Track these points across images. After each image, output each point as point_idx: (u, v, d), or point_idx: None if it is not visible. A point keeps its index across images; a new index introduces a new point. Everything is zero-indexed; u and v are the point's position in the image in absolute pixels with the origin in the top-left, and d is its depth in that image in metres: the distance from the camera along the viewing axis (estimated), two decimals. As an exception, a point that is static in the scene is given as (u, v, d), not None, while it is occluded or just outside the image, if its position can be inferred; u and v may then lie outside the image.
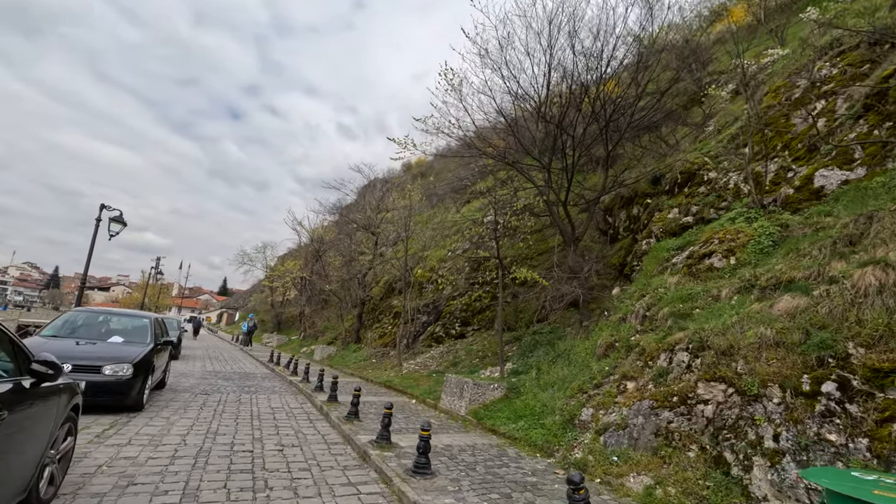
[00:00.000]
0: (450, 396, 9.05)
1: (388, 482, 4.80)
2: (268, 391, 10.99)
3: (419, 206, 17.58)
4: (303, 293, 28.72)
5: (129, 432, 6.08)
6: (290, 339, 31.40)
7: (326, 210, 22.46)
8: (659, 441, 5.11)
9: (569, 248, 10.60)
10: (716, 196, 9.70)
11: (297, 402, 9.71)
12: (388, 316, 19.53)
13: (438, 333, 16.35)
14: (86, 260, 12.99)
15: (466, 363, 12.90)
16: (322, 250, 24.86)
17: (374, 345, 18.47)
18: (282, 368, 15.51)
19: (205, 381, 11.66)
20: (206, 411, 7.89)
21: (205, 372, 13.85)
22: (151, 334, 8.34)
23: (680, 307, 6.70)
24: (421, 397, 10.35)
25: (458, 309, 16.45)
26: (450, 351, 14.75)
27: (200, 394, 9.69)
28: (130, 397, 7.02)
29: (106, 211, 13.33)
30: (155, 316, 9.21)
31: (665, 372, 5.74)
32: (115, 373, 6.88)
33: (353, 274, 21.82)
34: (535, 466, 5.65)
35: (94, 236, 13.09)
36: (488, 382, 8.64)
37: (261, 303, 50.86)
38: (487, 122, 11.50)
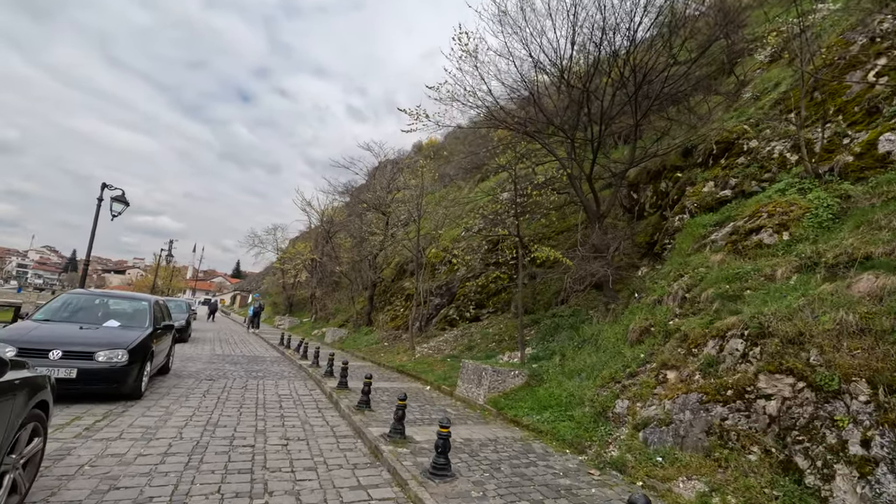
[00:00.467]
0: (467, 383, 8.49)
1: (403, 485, 4.24)
2: (276, 376, 10.55)
3: (431, 186, 16.85)
4: (313, 275, 28.35)
5: (122, 424, 5.60)
6: (302, 322, 31.21)
7: (336, 190, 21.85)
8: (712, 441, 4.46)
9: (593, 225, 9.85)
10: (758, 167, 8.84)
11: (305, 389, 9.23)
12: (399, 298, 19.02)
13: (452, 316, 15.80)
14: (89, 240, 12.57)
15: (482, 347, 12.34)
16: (332, 232, 24.32)
17: (386, 327, 18.01)
18: (291, 352, 15.12)
19: (211, 366, 11.26)
20: (209, 399, 7.42)
21: (213, 356, 13.49)
22: (150, 318, 7.86)
23: (727, 288, 5.98)
24: (435, 383, 9.82)
25: (472, 291, 15.85)
26: (464, 334, 14.20)
27: (205, 380, 9.26)
28: (126, 385, 6.55)
29: (108, 190, 12.85)
30: (155, 298, 8.73)
31: (714, 361, 5.07)
32: (108, 359, 6.40)
33: (364, 255, 21.28)
34: (565, 465, 5.06)
35: (97, 216, 12.64)
36: (508, 369, 8.05)
37: (273, 285, 50.88)
38: (505, 91, 10.68)
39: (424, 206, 16.89)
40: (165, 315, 9.24)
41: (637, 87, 9.45)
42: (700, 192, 9.46)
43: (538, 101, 9.67)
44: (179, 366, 10.78)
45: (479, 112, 10.10)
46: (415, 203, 14.96)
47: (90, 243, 12.60)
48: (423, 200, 15.07)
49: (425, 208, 19.48)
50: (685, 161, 11.28)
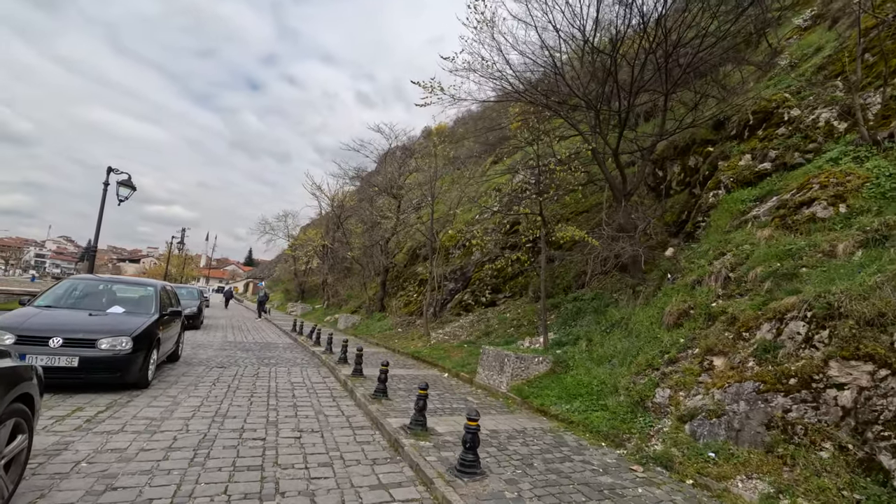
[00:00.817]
0: (487, 370, 8.06)
1: (429, 484, 3.83)
2: (288, 363, 10.23)
3: (443, 169, 16.28)
4: (325, 261, 28.07)
5: (126, 415, 5.27)
6: (314, 308, 31.07)
7: (346, 174, 21.37)
8: (773, 435, 3.97)
9: (618, 204, 9.27)
10: (801, 137, 8.17)
11: (319, 376, 8.89)
12: (412, 283, 18.63)
13: (467, 301, 15.36)
14: (96, 225, 12.29)
15: (500, 333, 11.90)
16: (343, 217, 23.92)
17: (400, 313, 17.65)
18: (304, 338, 14.84)
19: (223, 353, 10.98)
20: (219, 388, 7.09)
21: (224, 342, 13.24)
22: (157, 304, 7.51)
23: (779, 266, 5.42)
24: (454, 370, 9.42)
25: (488, 275, 15.38)
26: (480, 320, 13.77)
27: (216, 367, 8.96)
28: (131, 374, 6.22)
29: (114, 174, 12.52)
30: (162, 284, 8.39)
31: (771, 346, 4.55)
32: (112, 347, 6.06)
33: (376, 240, 20.87)
34: (604, 460, 4.62)
35: (103, 201, 12.34)
36: (532, 355, 7.60)
37: (285, 272, 50.90)
38: (524, 63, 10.03)
39: (437, 189, 16.38)
40: (173, 301, 8.92)
41: (668, 53, 8.76)
42: (736, 166, 8.82)
43: (560, 70, 9.03)
44: (190, 353, 10.51)
45: (497, 84, 9.50)
46: (428, 185, 14.43)
47: (97, 228, 12.33)
48: (436, 182, 14.53)
49: (438, 191, 18.97)
50: (717, 134, 10.59)
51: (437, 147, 14.06)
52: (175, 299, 9.22)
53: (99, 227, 12.35)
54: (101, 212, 12.30)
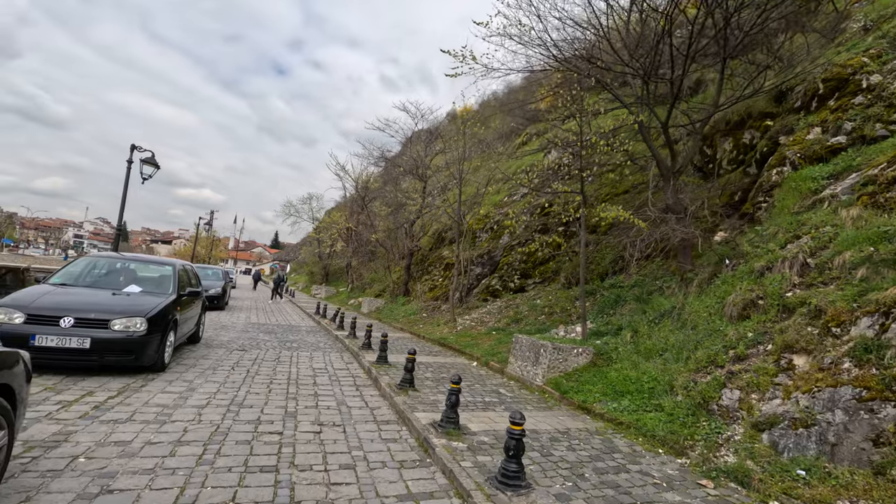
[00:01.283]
0: (521, 361, 7.48)
1: (466, 498, 3.30)
2: (311, 347, 9.88)
3: (471, 150, 15.53)
4: (349, 244, 27.83)
5: (137, 402, 4.91)
6: (338, 291, 31.01)
7: (371, 155, 20.81)
8: (884, 453, 3.28)
9: (667, 182, 8.45)
10: (884, 106, 7.17)
11: (342, 362, 8.49)
12: (438, 268, 18.11)
13: (495, 287, 14.76)
14: (121, 204, 12.12)
15: (531, 320, 11.29)
16: (367, 199, 23.48)
17: (425, 298, 17.20)
18: (327, 322, 14.55)
19: (245, 335, 10.72)
20: (238, 373, 6.74)
21: (247, 324, 13.04)
22: (175, 284, 7.17)
23: (871, 251, 4.62)
24: (483, 359, 8.88)
25: (517, 260, 14.72)
26: (509, 306, 13.17)
27: (237, 350, 8.66)
28: (146, 356, 5.89)
29: (137, 152, 12.30)
30: (182, 263, 8.06)
31: (874, 346, 3.81)
32: (125, 328, 5.72)
33: (401, 223, 20.39)
34: (665, 471, 4.00)
35: (127, 179, 12.14)
36: (570, 346, 6.97)
37: (310, 255, 51.20)
38: (563, 28, 9.19)
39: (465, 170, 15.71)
40: (193, 281, 8.60)
41: (728, 15, 7.80)
42: (803, 141, 7.87)
43: (606, 34, 8.19)
44: (212, 334, 10.28)
45: (535, 53, 8.71)
46: (456, 166, 13.77)
47: (121, 206, 12.16)
48: (464, 163, 13.84)
49: (465, 172, 18.28)
50: (777, 107, 9.57)
51: (464, 126, 13.34)
52: (196, 279, 8.91)
53: (123, 206, 12.18)
54: (125, 190, 12.12)
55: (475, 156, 19.49)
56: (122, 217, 12.22)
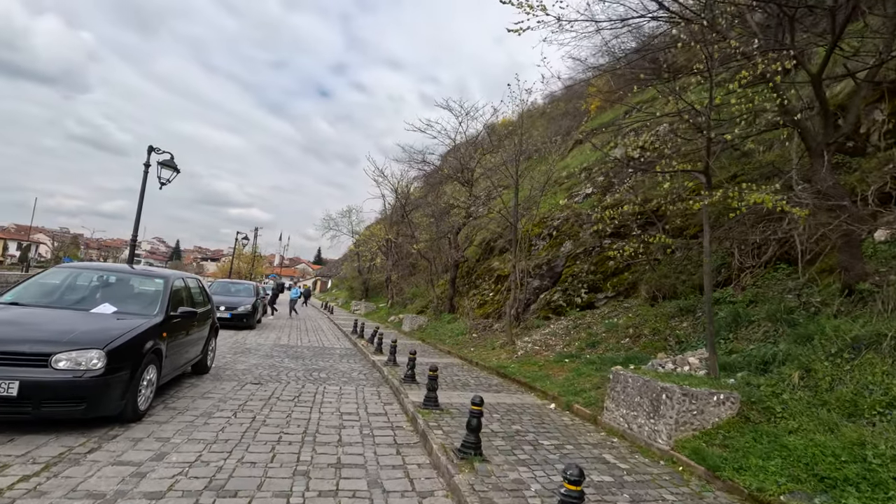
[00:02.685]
0: (624, 408, 5.31)
1: None
2: (341, 379, 8.05)
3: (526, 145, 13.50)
4: (389, 257, 26.26)
5: (64, 486, 3.16)
6: (378, 307, 29.47)
7: (412, 159, 19.17)
8: None
9: (817, 159, 6.12)
10: None
11: (378, 402, 6.58)
12: (487, 281, 16.07)
13: (557, 302, 12.56)
14: (137, 210, 10.90)
15: (611, 344, 9.04)
16: (408, 207, 21.79)
17: (473, 315, 15.16)
18: (364, 342, 12.76)
19: (267, 362, 9.05)
20: (239, 422, 4.95)
21: (275, 347, 11.43)
22: (163, 303, 5.52)
23: None
24: (561, 398, 6.72)
25: (583, 271, 12.48)
26: (578, 326, 10.94)
27: (250, 383, 6.94)
28: (106, 404, 4.20)
29: (155, 154, 11.09)
30: (178, 276, 6.44)
31: None
32: (74, 366, 4.05)
33: (444, 232, 18.55)
34: None
35: (144, 183, 10.93)
36: (707, 390, 4.74)
37: (350, 270, 50.36)
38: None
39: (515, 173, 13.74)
40: (199, 297, 6.99)
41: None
42: None
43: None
44: (228, 361, 8.66)
45: None
46: (510, 165, 11.81)
47: (137, 214, 10.92)
48: (520, 159, 11.86)
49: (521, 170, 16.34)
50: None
51: (522, 115, 11.38)
52: (203, 296, 7.30)
53: (139, 214, 10.95)
54: (141, 195, 10.89)
55: (528, 159, 17.47)
56: (139, 225, 10.97)
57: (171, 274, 6.11)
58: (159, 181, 11.15)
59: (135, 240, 10.99)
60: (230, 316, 14.30)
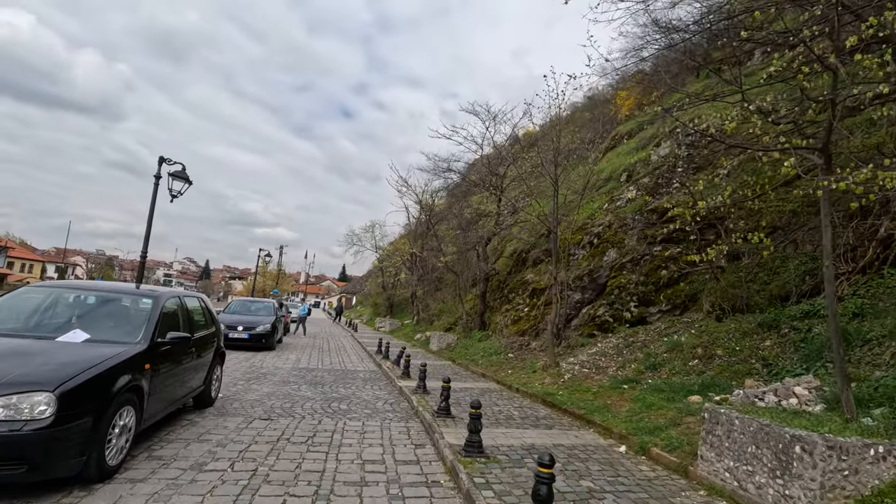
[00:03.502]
0: (733, 459, 4.05)
1: None
2: (364, 410, 6.97)
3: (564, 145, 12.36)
4: (413, 272, 25.28)
5: None
6: (403, 324, 28.44)
7: (437, 168, 18.21)
8: None
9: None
10: None
11: (408, 444, 5.45)
12: (521, 295, 14.85)
13: (603, 317, 11.25)
14: (147, 226, 10.20)
15: (677, 367, 7.70)
16: (434, 220, 20.80)
17: (507, 332, 13.94)
18: (390, 364, 11.68)
19: (282, 389, 8.06)
20: (237, 475, 3.91)
21: (293, 370, 10.47)
22: (150, 327, 4.57)
23: None
24: (632, 438, 5.46)
25: (631, 282, 11.17)
26: (630, 344, 9.62)
27: (259, 419, 5.94)
28: (57, 463, 3.23)
29: (166, 165, 10.43)
30: (171, 294, 5.50)
31: None
32: (13, 415, 3.09)
33: (471, 244, 17.45)
34: None
35: (154, 196, 10.25)
36: (856, 440, 3.46)
37: (374, 286, 49.68)
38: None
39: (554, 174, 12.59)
40: (199, 318, 6.04)
41: None
42: None
43: None
44: (240, 389, 7.70)
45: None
46: (549, 159, 10.69)
47: (148, 229, 10.22)
48: (560, 157, 10.74)
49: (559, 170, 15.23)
50: None
51: (562, 105, 10.29)
52: (206, 317, 6.36)
53: (149, 229, 10.24)
54: (151, 208, 10.20)
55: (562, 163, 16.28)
56: (148, 240, 10.25)
57: (162, 293, 5.17)
58: (170, 193, 10.46)
59: (144, 256, 10.26)
60: (248, 336, 13.49)
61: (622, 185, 14.49)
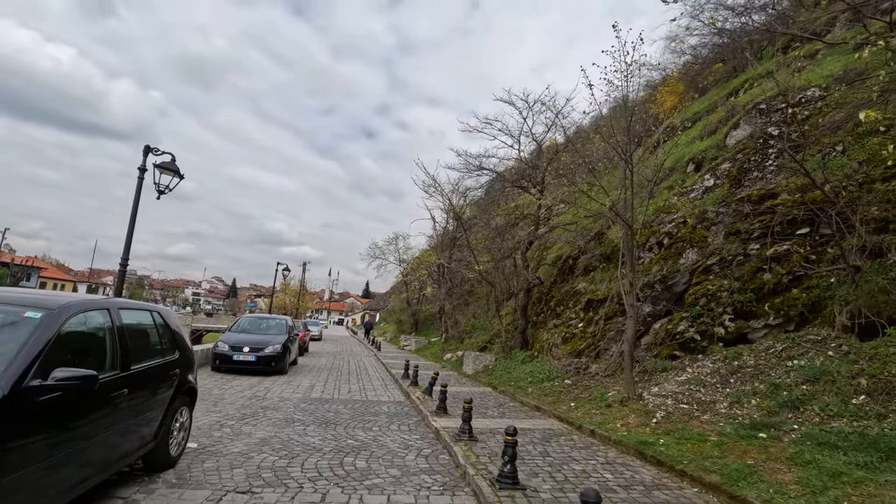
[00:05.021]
0: None
1: None
2: (390, 472, 4.89)
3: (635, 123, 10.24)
4: (441, 285, 23.22)
5: None
6: (430, 342, 26.30)
7: (468, 166, 16.14)
8: None
9: None
10: None
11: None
12: (572, 307, 12.60)
13: (686, 334, 8.94)
14: (128, 230, 8.50)
15: (834, 407, 5.39)
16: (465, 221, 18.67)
17: (559, 353, 11.69)
18: (420, 395, 9.57)
19: (283, 432, 6.08)
20: None
21: (304, 401, 8.51)
22: (22, 361, 2.62)
23: None
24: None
25: (721, 288, 8.86)
26: (736, 370, 7.30)
27: (236, 491, 3.95)
28: None
29: (152, 156, 8.76)
30: (97, 304, 3.58)
31: None
32: None
33: (508, 250, 15.33)
34: None
35: (138, 191, 8.59)
36: None
37: (398, 302, 47.81)
38: None
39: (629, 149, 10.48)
40: (164, 343, 4.11)
41: None
42: None
43: None
44: (226, 433, 5.75)
45: None
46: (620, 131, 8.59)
47: (129, 231, 8.51)
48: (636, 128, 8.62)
49: (608, 170, 13.18)
50: None
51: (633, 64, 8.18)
52: (164, 339, 4.43)
53: (132, 230, 8.54)
54: (135, 207, 8.52)
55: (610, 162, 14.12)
56: (130, 245, 8.53)
57: (69, 302, 3.23)
58: (157, 189, 8.77)
59: (125, 265, 8.53)
60: (255, 359, 11.63)
61: (690, 176, 12.21)
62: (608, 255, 12.48)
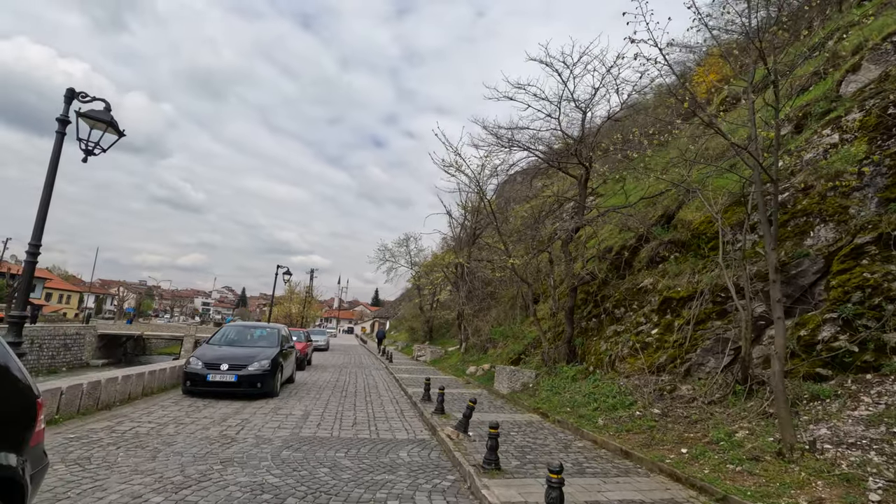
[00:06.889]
0: None
1: None
2: None
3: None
4: (460, 287, 20.57)
5: None
6: (447, 352, 23.61)
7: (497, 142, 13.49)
8: None
9: None
10: None
11: None
12: (637, 310, 9.88)
13: (836, 344, 6.22)
14: (42, 197, 6.02)
15: None
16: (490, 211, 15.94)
17: (625, 369, 8.97)
18: (452, 430, 6.89)
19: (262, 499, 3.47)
20: None
21: (290, 444, 5.89)
22: None
23: None
24: None
25: (887, 277, 6.13)
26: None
27: None
28: None
29: (77, 102, 6.28)
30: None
31: None
32: None
33: (545, 242, 12.67)
34: None
35: (57, 153, 6.12)
36: None
37: (410, 309, 45.21)
38: None
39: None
40: None
41: None
42: None
43: None
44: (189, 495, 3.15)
45: None
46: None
47: (42, 210, 6.04)
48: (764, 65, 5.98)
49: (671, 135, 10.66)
50: None
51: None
52: None
53: (46, 204, 6.06)
54: (51, 170, 6.05)
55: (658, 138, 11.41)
56: (43, 226, 6.04)
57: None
58: (84, 149, 6.28)
59: (35, 254, 6.02)
60: (236, 379, 9.06)
61: (793, 136, 9.48)
62: (683, 242, 9.77)
